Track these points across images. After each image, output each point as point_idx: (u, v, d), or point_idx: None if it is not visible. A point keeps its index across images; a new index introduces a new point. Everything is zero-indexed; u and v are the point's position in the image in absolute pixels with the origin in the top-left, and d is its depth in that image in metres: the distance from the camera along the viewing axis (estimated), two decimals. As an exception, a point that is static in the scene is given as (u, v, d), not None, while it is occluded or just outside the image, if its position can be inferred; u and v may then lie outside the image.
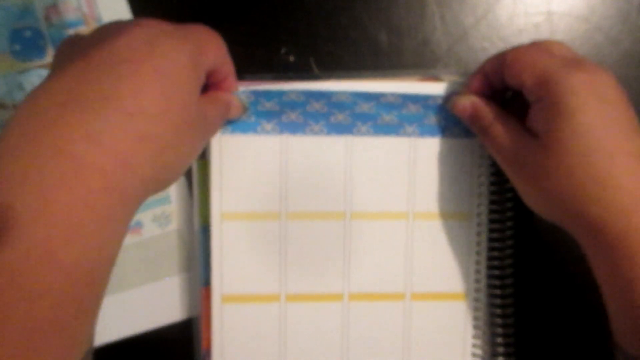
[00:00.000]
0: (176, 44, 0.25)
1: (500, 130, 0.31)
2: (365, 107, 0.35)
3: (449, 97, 0.35)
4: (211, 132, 0.31)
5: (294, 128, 0.34)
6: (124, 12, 0.36)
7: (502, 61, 0.30)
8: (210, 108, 0.29)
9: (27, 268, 0.20)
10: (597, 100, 0.27)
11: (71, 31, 0.36)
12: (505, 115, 0.32)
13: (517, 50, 0.30)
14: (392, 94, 0.35)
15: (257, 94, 0.34)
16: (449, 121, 0.35)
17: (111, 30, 0.25)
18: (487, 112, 0.32)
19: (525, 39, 0.38)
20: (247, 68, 0.31)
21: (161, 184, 0.26)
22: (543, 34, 0.38)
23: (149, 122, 0.23)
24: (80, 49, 0.24)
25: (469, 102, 0.33)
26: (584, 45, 0.38)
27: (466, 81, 0.35)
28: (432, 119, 0.35)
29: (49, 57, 0.35)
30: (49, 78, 0.24)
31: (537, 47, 0.30)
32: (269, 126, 0.34)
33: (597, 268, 0.29)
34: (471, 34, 0.38)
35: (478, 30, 0.38)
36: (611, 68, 0.38)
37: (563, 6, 0.38)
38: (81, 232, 0.21)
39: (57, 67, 0.24)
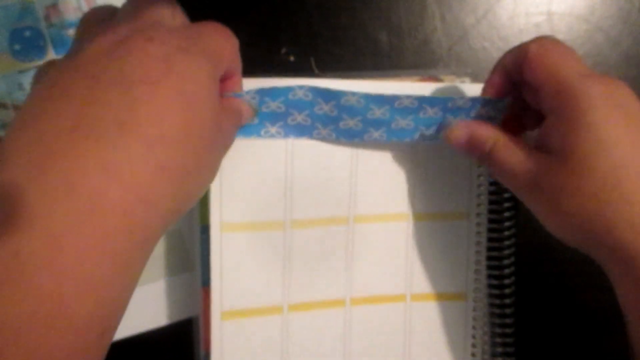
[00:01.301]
0: (194, 61, 0.22)
1: (505, 154, 0.28)
2: (378, 113, 0.31)
3: (440, 129, 0.32)
4: (227, 146, 0.28)
5: (301, 131, 0.32)
6: (124, 12, 0.36)
7: (524, 54, 0.28)
8: (223, 119, 0.27)
9: (34, 326, 0.17)
10: (619, 113, 0.25)
11: (71, 31, 0.36)
12: (508, 136, 0.29)
13: (541, 45, 0.28)
14: (407, 97, 0.31)
15: (262, 93, 0.30)
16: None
17: (115, 44, 0.22)
18: (485, 136, 0.29)
19: (525, 39, 0.38)
20: (247, 68, 0.31)
21: (179, 216, 0.23)
22: (544, 34, 0.38)
23: (170, 150, 0.21)
24: (78, 65, 0.21)
25: (462, 131, 0.30)
26: (584, 46, 0.38)
27: (460, 81, 0.35)
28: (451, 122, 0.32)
29: (49, 57, 0.35)
30: (44, 97, 0.20)
31: (562, 48, 0.28)
32: (273, 129, 0.32)
33: (625, 296, 0.26)
34: (471, 34, 0.38)
35: (478, 30, 0.38)
36: (611, 68, 0.38)
37: (563, 6, 0.38)
38: (97, 282, 0.19)
39: (48, 85, 0.21)
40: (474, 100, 0.31)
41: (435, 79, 0.36)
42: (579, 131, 0.25)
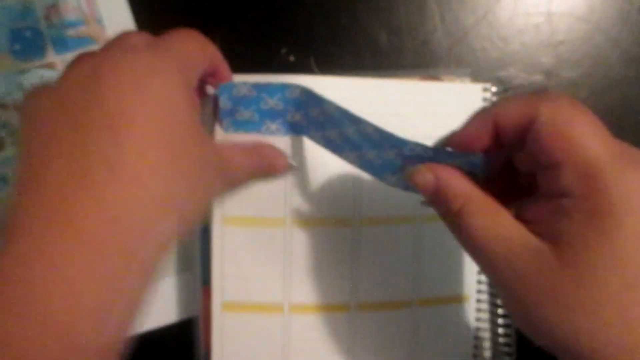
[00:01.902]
0: (166, 79, 0.23)
1: (477, 221, 0.23)
2: (350, 130, 0.28)
3: (406, 166, 0.26)
4: (236, 179, 0.30)
5: (300, 129, 0.33)
6: (124, 12, 0.36)
7: (533, 120, 0.22)
8: (239, 155, 0.29)
9: (36, 348, 0.19)
10: None
11: (71, 31, 0.36)
12: (484, 198, 0.23)
13: (556, 113, 0.21)
14: (370, 125, 0.26)
15: (258, 88, 0.31)
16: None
17: (87, 74, 0.22)
18: (453, 193, 0.24)
19: (525, 39, 0.38)
20: (247, 68, 0.31)
21: (177, 240, 0.24)
22: (543, 35, 0.38)
23: (160, 181, 0.22)
24: (59, 104, 0.22)
25: (431, 177, 0.24)
26: (584, 46, 0.38)
27: (460, 81, 0.35)
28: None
29: (49, 57, 0.35)
30: (38, 143, 0.21)
31: (582, 115, 0.21)
32: (273, 126, 0.32)
33: None
34: (471, 34, 0.38)
35: (478, 30, 0.38)
36: (611, 68, 0.38)
37: (563, 6, 0.38)
38: (96, 307, 0.20)
39: (38, 126, 0.22)
40: (436, 151, 0.25)
41: (435, 78, 0.36)
42: (600, 230, 0.20)
